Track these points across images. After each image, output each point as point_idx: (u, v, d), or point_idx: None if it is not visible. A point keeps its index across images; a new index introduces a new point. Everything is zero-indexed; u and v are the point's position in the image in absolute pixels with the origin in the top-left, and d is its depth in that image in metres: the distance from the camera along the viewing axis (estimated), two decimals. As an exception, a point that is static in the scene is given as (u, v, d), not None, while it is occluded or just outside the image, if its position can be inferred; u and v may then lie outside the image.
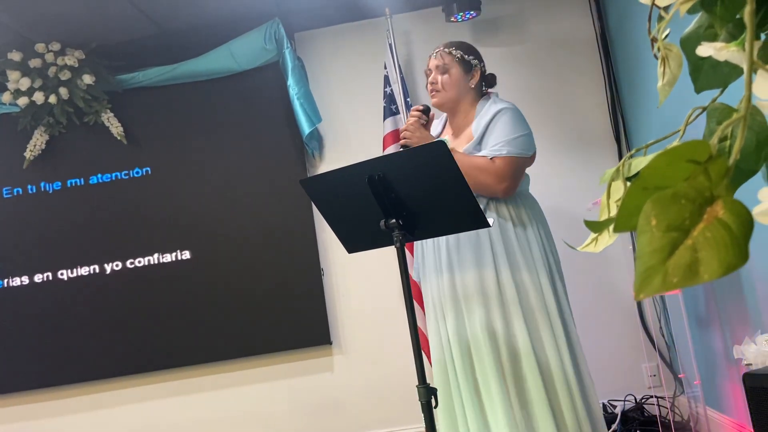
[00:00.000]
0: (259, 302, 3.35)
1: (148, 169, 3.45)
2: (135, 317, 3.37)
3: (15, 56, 3.29)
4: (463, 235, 2.15)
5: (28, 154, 3.39)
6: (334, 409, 3.37)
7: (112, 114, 3.41)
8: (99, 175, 3.45)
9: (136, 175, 3.45)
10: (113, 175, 3.45)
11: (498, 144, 2.09)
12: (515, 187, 2.12)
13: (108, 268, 3.40)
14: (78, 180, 3.46)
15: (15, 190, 3.47)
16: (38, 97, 3.29)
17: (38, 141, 3.40)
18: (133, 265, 3.39)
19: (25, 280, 3.40)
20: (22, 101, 3.30)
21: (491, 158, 2.08)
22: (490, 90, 2.33)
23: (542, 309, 2.09)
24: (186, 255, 3.39)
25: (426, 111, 2.21)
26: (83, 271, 3.40)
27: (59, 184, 3.46)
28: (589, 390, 2.13)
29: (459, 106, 2.27)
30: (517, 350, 2.07)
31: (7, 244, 3.43)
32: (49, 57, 3.30)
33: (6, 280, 3.42)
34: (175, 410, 3.39)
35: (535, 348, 2.06)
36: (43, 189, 3.46)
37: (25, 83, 3.28)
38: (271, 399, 3.38)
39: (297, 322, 3.34)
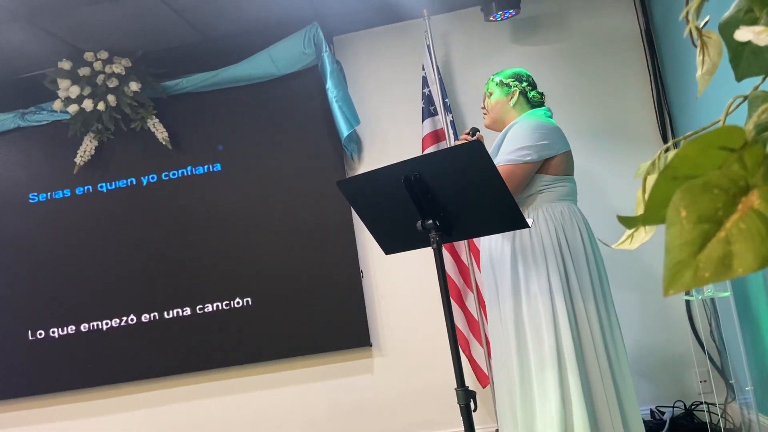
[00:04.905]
0: (298, 304, 3.38)
1: (189, 169, 3.53)
2: (179, 331, 3.44)
3: (65, 65, 3.40)
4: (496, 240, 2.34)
5: (78, 160, 3.50)
6: (374, 411, 3.37)
7: (157, 120, 3.49)
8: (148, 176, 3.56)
9: (176, 176, 3.54)
10: (153, 176, 3.55)
11: (502, 154, 2.29)
12: (513, 192, 2.26)
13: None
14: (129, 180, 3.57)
15: None
16: (87, 105, 3.40)
17: (88, 147, 3.51)
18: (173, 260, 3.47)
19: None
20: (72, 108, 3.41)
21: None
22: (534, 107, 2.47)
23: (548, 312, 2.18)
24: (225, 257, 3.45)
25: (473, 132, 2.41)
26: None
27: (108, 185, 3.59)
28: (630, 395, 2.21)
29: (505, 125, 2.45)
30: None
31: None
32: (98, 65, 3.40)
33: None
34: (215, 410, 3.44)
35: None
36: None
37: (74, 91, 3.39)
38: (311, 401, 3.40)
39: (337, 324, 3.35)
